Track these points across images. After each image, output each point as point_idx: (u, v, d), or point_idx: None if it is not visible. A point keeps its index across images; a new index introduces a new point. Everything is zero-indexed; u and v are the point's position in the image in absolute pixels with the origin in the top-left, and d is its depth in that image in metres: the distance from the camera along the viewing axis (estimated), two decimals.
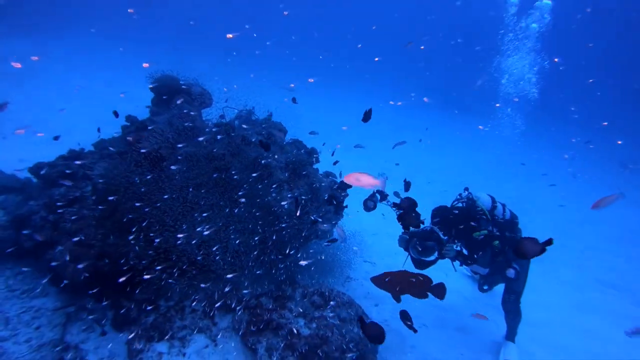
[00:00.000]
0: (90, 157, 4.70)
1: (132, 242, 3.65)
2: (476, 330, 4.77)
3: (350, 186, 4.86)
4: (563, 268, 6.95)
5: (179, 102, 5.32)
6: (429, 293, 3.14)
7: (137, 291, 3.88)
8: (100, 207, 3.91)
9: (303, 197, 4.47)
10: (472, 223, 4.15)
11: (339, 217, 5.19)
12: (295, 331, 3.39)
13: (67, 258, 3.53)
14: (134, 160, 3.83)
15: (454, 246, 4.14)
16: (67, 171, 4.33)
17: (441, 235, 4.07)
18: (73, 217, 3.96)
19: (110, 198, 3.75)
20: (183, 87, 6.29)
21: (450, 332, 4.66)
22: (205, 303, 3.97)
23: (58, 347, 3.47)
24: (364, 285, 5.43)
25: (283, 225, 4.26)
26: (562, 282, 6.52)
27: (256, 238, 4.15)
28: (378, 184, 3.45)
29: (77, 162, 4.45)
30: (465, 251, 4.27)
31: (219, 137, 4.41)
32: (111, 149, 4.35)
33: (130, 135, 3.83)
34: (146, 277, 3.59)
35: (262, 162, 4.39)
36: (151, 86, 6.41)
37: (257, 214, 4.19)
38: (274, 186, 4.31)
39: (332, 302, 3.72)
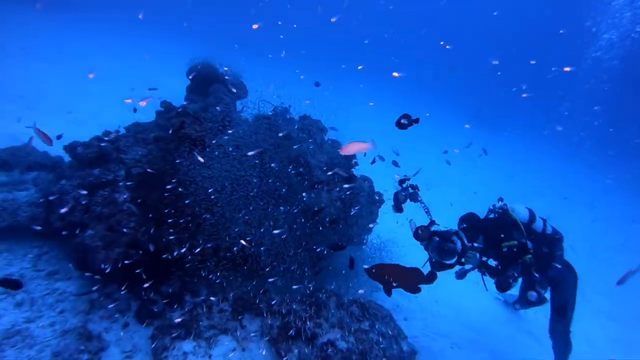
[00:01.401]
0: (124, 140, 4.57)
1: (170, 230, 3.48)
2: (511, 356, 4.49)
3: (353, 162, 4.80)
4: (599, 297, 6.56)
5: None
6: (420, 287, 3.18)
7: (164, 285, 3.73)
8: (134, 192, 3.76)
9: (342, 196, 4.25)
10: (503, 232, 3.85)
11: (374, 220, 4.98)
12: (332, 343, 3.17)
13: (99, 243, 3.38)
14: (178, 146, 3.66)
15: (477, 254, 3.84)
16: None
17: (465, 241, 3.77)
18: (105, 201, 3.82)
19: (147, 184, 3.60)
20: (221, 77, 6.15)
21: (484, 356, 4.39)
22: (234, 303, 3.78)
23: (82, 335, 3.32)
24: (393, 297, 5.17)
25: (320, 228, 4.06)
26: (597, 312, 6.15)
27: (295, 236, 3.95)
28: (368, 147, 3.29)
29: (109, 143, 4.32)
30: (491, 262, 3.99)
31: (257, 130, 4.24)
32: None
33: (173, 120, 3.66)
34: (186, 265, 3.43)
35: (303, 161, 4.20)
36: (190, 76, 6.29)
37: (295, 211, 3.99)
38: (317, 186, 4.10)
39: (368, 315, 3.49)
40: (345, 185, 4.27)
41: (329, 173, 4.03)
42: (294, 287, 3.99)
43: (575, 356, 4.02)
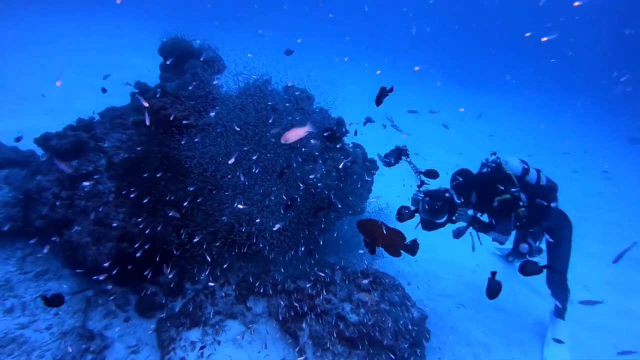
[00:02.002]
0: (101, 127, 4.26)
1: (161, 219, 3.29)
2: (515, 310, 4.58)
3: (343, 130, 4.62)
4: (590, 241, 6.73)
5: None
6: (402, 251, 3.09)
7: (161, 275, 3.58)
8: (119, 181, 3.53)
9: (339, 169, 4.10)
10: (496, 186, 3.81)
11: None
12: (343, 317, 3.12)
13: (88, 239, 3.18)
14: (161, 128, 3.41)
15: (469, 211, 3.86)
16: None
17: (455, 198, 3.76)
18: (88, 194, 3.58)
19: (131, 170, 3.37)
20: (196, 52, 5.77)
21: (489, 312, 4.45)
22: (237, 286, 3.68)
23: (82, 336, 3.17)
24: (393, 263, 5.17)
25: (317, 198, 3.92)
26: (590, 256, 6.32)
27: (292, 214, 3.82)
28: (306, 130, 3.11)
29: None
30: (485, 218, 4.00)
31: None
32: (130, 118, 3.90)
33: (152, 102, 3.39)
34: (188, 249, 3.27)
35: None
36: (164, 54, 5.89)
37: (291, 187, 3.84)
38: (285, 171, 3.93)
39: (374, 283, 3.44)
40: (341, 156, 4.11)
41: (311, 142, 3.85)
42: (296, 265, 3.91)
43: (573, 300, 4.11)
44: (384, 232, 2.99)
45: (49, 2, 17.59)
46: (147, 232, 3.26)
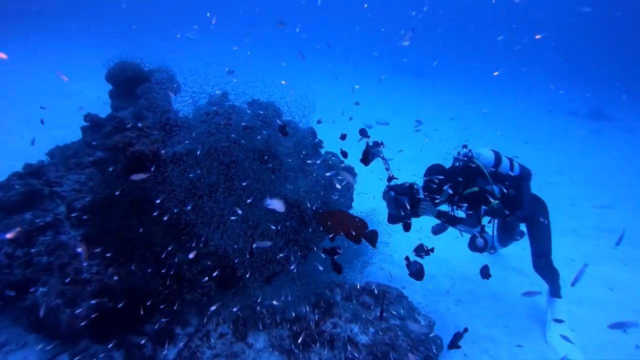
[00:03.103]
0: (53, 169, 3.83)
1: (139, 265, 2.96)
2: (510, 298, 4.63)
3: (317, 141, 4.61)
4: (561, 217, 7.02)
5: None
6: (362, 239, 3.18)
7: (146, 323, 3.24)
8: (84, 230, 3.15)
9: (323, 182, 3.95)
10: (465, 180, 3.89)
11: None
12: (352, 339, 2.95)
13: (59, 301, 2.79)
14: (128, 165, 3.07)
15: (432, 206, 3.90)
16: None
17: (421, 192, 3.78)
18: (49, 248, 3.17)
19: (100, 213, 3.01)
20: (147, 75, 5.40)
21: (486, 304, 4.47)
22: (233, 323, 3.40)
23: None
24: (384, 268, 5.09)
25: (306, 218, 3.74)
26: (564, 232, 6.60)
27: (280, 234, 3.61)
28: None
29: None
30: (456, 213, 4.08)
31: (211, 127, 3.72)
32: (90, 157, 3.52)
33: (116, 138, 3.05)
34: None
35: (270, 151, 3.79)
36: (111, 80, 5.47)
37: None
38: (290, 174, 3.75)
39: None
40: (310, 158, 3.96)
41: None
42: (290, 288, 3.70)
43: (563, 278, 4.21)
44: (350, 222, 3.09)
45: None
46: (126, 281, 2.91)
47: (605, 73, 22.01)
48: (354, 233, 3.12)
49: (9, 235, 2.93)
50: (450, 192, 3.97)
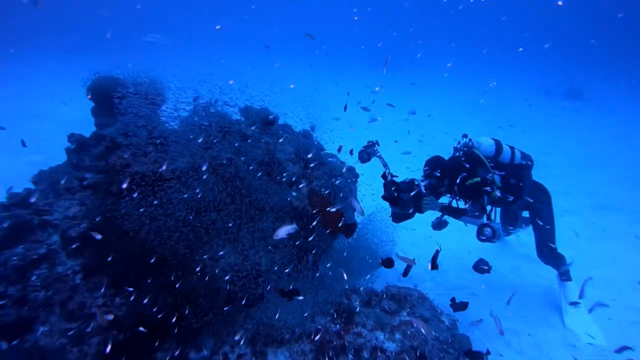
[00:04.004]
0: (41, 196, 3.57)
1: (147, 292, 2.77)
2: (524, 286, 4.61)
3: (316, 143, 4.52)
4: (555, 197, 7.05)
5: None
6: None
7: (159, 351, 3.04)
8: (83, 259, 2.93)
9: (327, 191, 3.81)
10: (465, 171, 3.83)
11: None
12: (380, 347, 2.83)
13: (64, 340, 2.57)
14: (125, 187, 2.86)
15: (436, 200, 3.89)
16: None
17: (422, 189, 3.75)
18: (46, 282, 2.94)
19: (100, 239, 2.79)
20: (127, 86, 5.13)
21: (501, 295, 4.40)
22: (250, 343, 3.23)
23: None
24: (395, 269, 4.97)
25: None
26: (562, 212, 6.63)
27: (290, 250, 3.46)
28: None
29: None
30: (458, 204, 4.07)
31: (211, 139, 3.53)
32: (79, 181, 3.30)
33: (111, 160, 2.84)
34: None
35: (271, 158, 3.64)
36: (89, 95, 5.20)
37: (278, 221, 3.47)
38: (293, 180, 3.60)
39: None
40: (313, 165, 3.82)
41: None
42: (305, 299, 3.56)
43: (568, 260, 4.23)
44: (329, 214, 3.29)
45: None
46: (136, 311, 2.72)
47: (578, 51, 22.56)
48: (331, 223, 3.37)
49: None
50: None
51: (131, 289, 2.71)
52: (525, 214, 4.77)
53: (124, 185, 2.63)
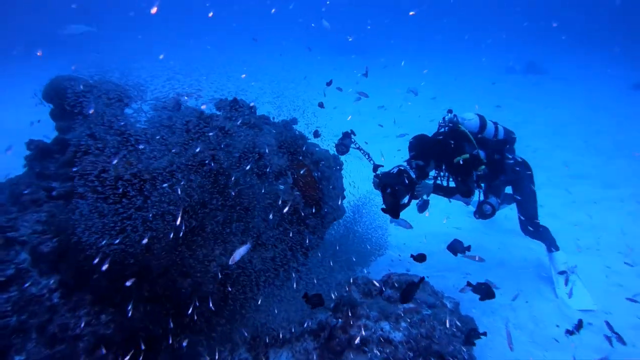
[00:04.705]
0: (2, 212, 3.23)
1: (135, 305, 2.55)
2: (514, 261, 4.66)
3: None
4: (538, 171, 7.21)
5: (90, 111, 3.91)
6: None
7: None
8: (60, 275, 2.66)
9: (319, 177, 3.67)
10: (453, 148, 3.80)
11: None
12: (386, 338, 2.75)
13: None
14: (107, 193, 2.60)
15: (428, 183, 3.87)
16: None
17: (412, 174, 3.68)
18: (18, 306, 2.66)
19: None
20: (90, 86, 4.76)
21: (494, 272, 4.44)
22: (250, 346, 3.08)
23: None
24: (385, 254, 4.92)
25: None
26: (540, 184, 6.76)
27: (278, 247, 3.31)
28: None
29: None
30: (448, 183, 4.05)
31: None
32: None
33: (86, 165, 2.56)
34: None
35: (256, 151, 3.45)
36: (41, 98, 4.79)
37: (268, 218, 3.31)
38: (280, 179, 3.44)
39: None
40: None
41: None
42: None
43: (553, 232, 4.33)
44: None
45: None
46: (125, 326, 2.49)
47: (533, 27, 23.18)
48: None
49: None
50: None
51: (119, 302, 2.48)
52: (509, 190, 4.81)
53: (107, 193, 2.38)
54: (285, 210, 3.37)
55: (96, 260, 2.40)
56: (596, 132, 9.58)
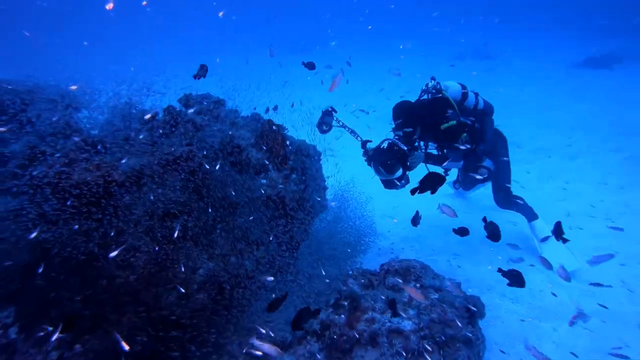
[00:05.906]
0: None
1: (115, 324, 2.21)
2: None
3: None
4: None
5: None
6: None
7: None
8: (16, 306, 2.26)
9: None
10: (439, 114, 3.81)
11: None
12: (396, 329, 2.58)
13: None
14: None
15: (420, 152, 3.85)
16: None
17: (402, 146, 3.63)
18: None
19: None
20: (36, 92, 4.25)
21: (482, 250, 4.42)
22: (247, 356, 2.81)
23: None
24: (373, 242, 4.77)
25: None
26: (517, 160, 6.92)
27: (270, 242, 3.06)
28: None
29: None
30: (434, 151, 4.06)
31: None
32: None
33: (42, 171, 2.16)
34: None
35: (234, 143, 3.17)
36: None
37: (252, 216, 3.05)
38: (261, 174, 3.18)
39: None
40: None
41: None
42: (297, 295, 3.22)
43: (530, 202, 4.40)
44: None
45: None
46: (104, 351, 2.15)
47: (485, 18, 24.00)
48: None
49: None
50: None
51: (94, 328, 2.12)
52: (488, 162, 4.79)
53: (69, 202, 2.01)
54: (270, 204, 3.13)
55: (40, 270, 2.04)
56: (547, 107, 9.98)
